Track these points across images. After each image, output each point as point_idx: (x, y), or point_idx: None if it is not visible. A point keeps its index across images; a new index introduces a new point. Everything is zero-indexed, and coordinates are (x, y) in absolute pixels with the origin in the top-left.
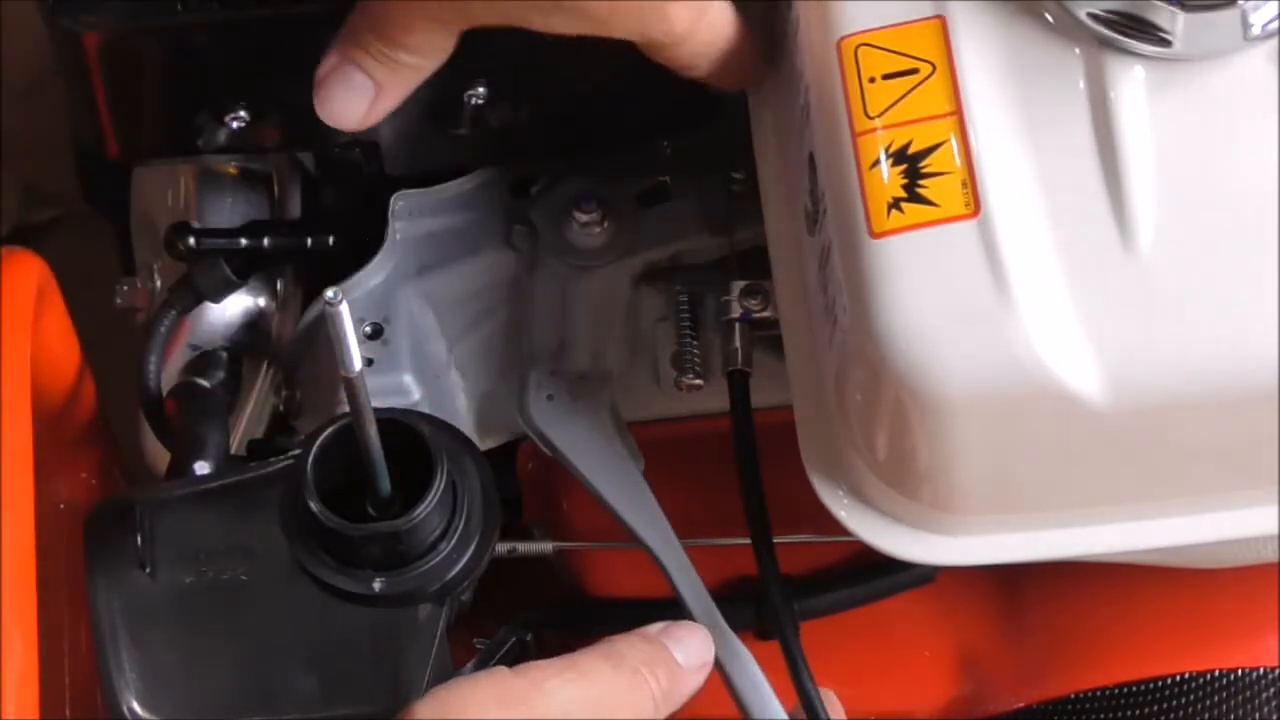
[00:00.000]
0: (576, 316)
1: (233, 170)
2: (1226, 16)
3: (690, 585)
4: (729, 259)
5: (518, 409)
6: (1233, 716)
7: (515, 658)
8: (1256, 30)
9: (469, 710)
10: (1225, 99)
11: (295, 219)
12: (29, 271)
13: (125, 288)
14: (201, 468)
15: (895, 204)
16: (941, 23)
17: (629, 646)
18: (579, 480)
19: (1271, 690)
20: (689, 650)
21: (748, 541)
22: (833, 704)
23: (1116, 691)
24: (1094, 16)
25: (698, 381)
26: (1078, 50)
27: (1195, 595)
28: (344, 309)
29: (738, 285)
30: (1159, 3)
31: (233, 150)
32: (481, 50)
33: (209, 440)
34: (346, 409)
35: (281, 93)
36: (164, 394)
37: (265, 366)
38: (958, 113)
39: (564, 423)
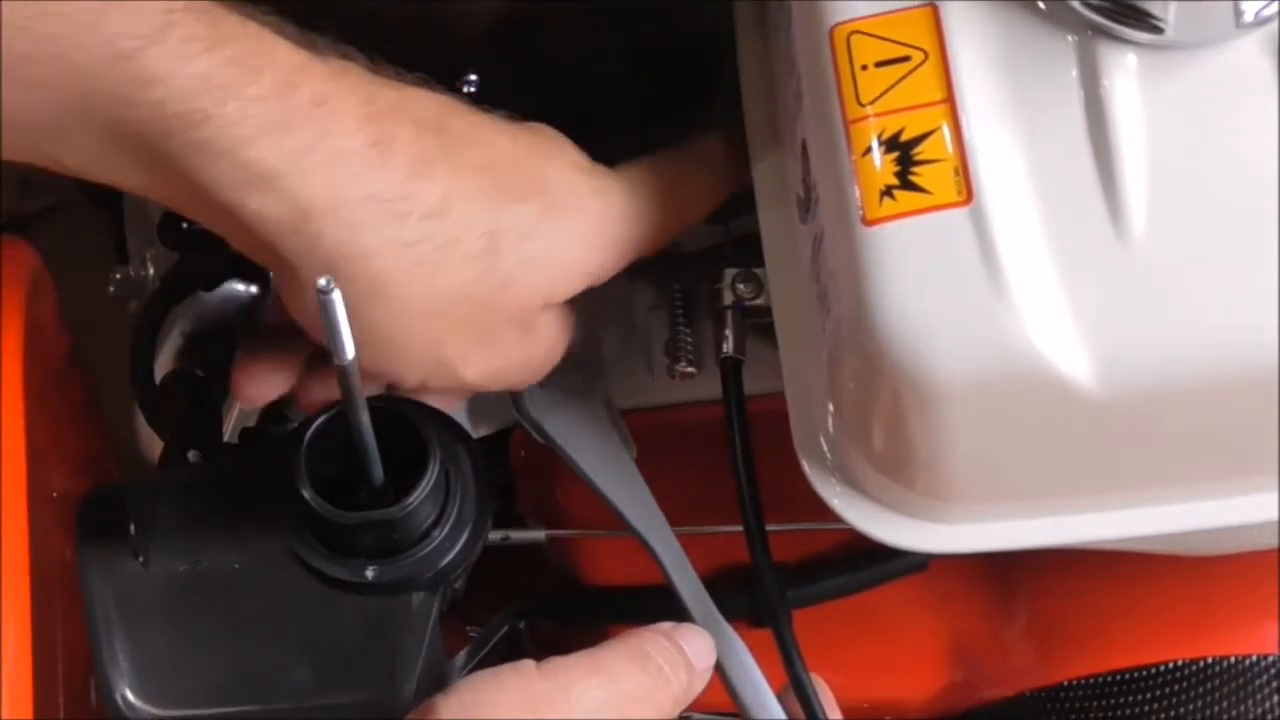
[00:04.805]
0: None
1: None
2: (1219, 4)
3: (683, 573)
4: (724, 245)
5: (510, 396)
6: (1228, 704)
7: (508, 646)
8: (1249, 18)
9: (495, 710)
10: (1218, 87)
11: None
12: (22, 260)
13: (118, 276)
14: (195, 456)
15: (888, 191)
16: (933, 10)
17: (655, 646)
18: (572, 468)
19: (1267, 677)
20: (698, 652)
21: (741, 529)
22: (823, 690)
23: (1111, 679)
24: (1086, 4)
25: (691, 369)
26: (1070, 38)
27: (1191, 583)
28: (337, 297)
29: (730, 273)
30: None
31: None
32: (471, 40)
33: (202, 428)
34: (339, 397)
35: None
36: (157, 382)
37: None
38: (950, 100)
39: (557, 410)
